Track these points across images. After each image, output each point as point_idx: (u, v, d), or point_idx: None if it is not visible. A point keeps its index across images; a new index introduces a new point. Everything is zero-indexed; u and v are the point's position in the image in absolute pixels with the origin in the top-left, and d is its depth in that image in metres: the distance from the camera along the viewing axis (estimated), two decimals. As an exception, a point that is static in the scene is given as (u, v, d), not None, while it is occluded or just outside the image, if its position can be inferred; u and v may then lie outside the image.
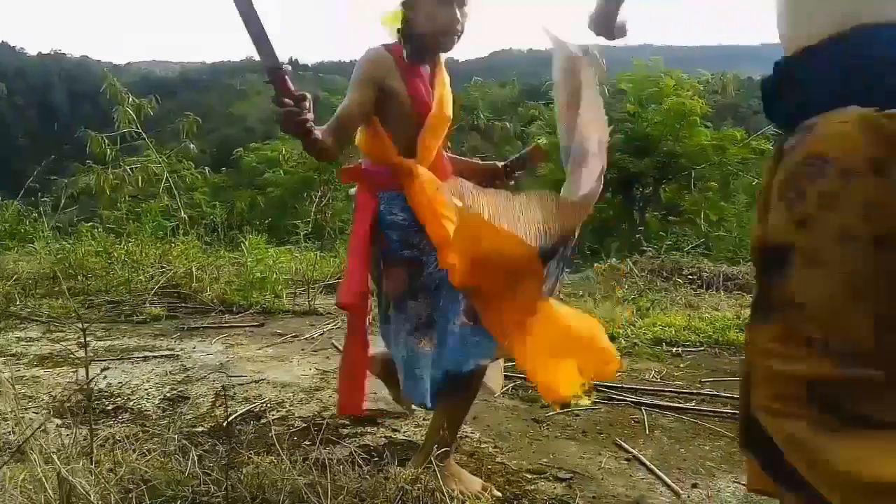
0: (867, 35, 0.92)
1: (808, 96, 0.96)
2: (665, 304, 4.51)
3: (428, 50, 1.96)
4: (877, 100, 0.87)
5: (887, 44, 0.91)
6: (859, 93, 0.90)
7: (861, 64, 0.92)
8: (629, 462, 2.13)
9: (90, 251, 4.80)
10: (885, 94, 0.89)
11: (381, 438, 2.22)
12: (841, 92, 0.91)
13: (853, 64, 0.92)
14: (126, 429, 2.10)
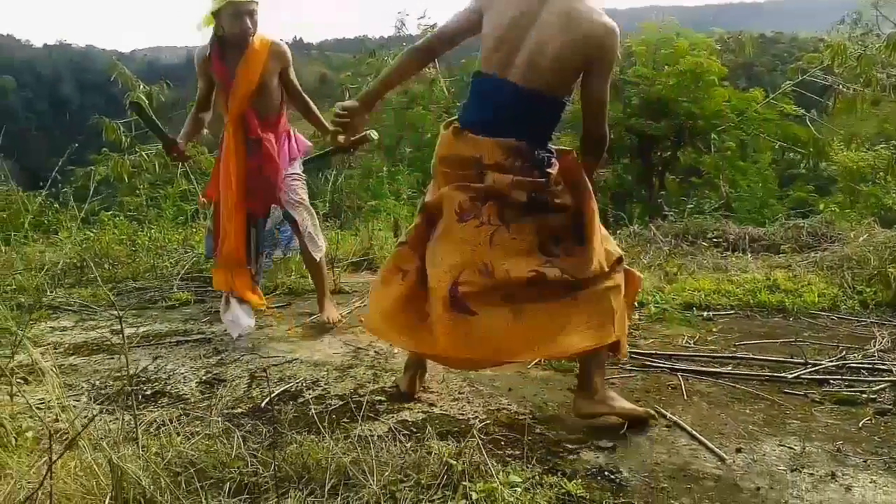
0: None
1: None
2: (692, 268, 4.45)
3: (231, 45, 3.08)
4: None
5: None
6: None
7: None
8: (670, 429, 2.12)
9: (114, 239, 4.83)
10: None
11: (419, 414, 2.22)
12: None
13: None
14: (167, 413, 2.11)
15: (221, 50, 3.11)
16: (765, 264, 4.60)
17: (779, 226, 5.65)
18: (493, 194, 2.03)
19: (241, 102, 3.11)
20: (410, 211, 7.36)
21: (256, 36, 3.11)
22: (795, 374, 2.56)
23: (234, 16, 2.98)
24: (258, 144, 3.16)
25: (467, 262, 2.01)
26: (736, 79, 11.15)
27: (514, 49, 2.00)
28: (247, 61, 3.07)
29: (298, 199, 3.28)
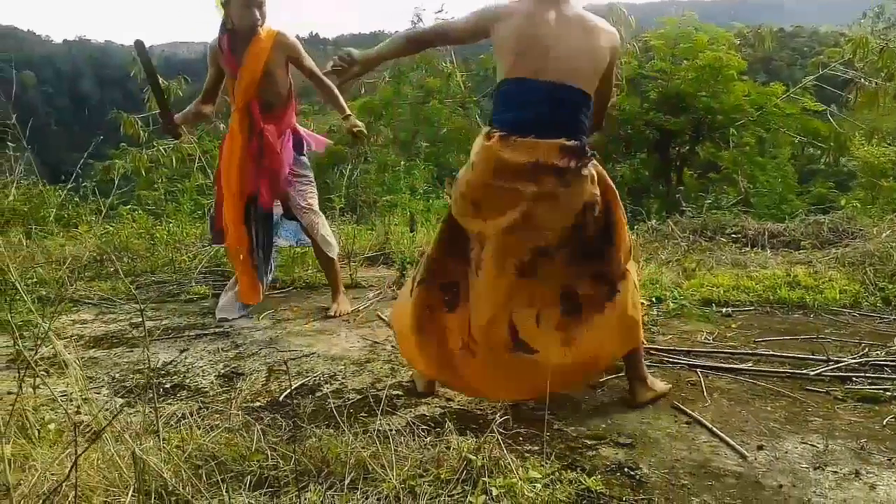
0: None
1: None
2: (710, 263, 4.41)
3: (240, 36, 3.17)
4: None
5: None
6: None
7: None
8: (690, 425, 2.10)
9: (133, 233, 4.87)
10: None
11: (437, 408, 2.22)
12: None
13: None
14: (187, 406, 2.12)
15: (231, 41, 3.20)
16: (785, 260, 4.55)
17: (799, 221, 5.58)
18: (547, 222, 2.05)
19: (247, 92, 3.20)
20: (426, 206, 7.36)
21: (264, 28, 3.18)
22: (817, 371, 2.53)
23: (243, 6, 3.11)
24: (260, 135, 3.23)
25: (523, 306, 2.10)
26: (755, 73, 11.02)
27: (543, 54, 2.03)
28: (252, 52, 3.17)
29: (307, 206, 3.35)
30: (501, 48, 2.09)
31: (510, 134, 2.03)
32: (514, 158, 2.01)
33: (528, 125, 2.03)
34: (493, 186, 2.06)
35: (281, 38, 3.21)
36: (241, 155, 3.23)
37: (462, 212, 2.16)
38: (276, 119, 3.29)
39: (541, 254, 2.07)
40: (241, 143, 3.23)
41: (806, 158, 11.40)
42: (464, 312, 2.15)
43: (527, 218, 2.03)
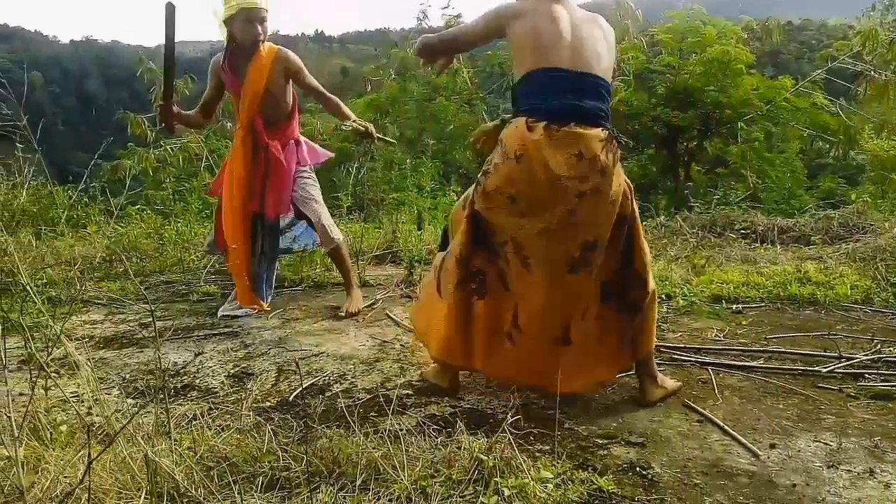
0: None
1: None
2: (720, 260, 4.39)
3: (241, 53, 3.22)
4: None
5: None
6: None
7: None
8: (701, 424, 2.09)
9: (141, 233, 4.89)
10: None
11: (447, 408, 2.21)
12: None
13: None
14: (197, 407, 2.13)
15: (233, 58, 3.24)
16: (795, 256, 4.52)
17: (809, 217, 5.54)
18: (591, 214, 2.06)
19: (250, 109, 3.23)
20: (433, 203, 7.35)
21: (265, 45, 3.21)
22: (829, 369, 2.51)
23: (245, 22, 3.13)
24: (265, 150, 3.27)
25: (577, 306, 2.14)
26: (762, 67, 10.95)
27: (569, 45, 2.05)
28: (253, 69, 3.20)
29: (308, 196, 3.37)
30: (524, 43, 2.08)
31: (550, 122, 2.00)
32: (560, 152, 1.99)
33: (566, 113, 2.01)
34: (537, 181, 2.01)
35: (282, 54, 3.24)
36: (247, 171, 3.26)
37: (495, 206, 2.10)
38: (280, 133, 3.34)
39: (589, 248, 2.07)
40: (245, 159, 3.26)
41: (815, 152, 11.32)
42: (498, 302, 2.16)
43: (573, 214, 2.02)
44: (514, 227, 2.08)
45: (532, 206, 2.04)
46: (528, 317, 2.13)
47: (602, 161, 2.02)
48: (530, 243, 2.07)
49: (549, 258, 2.07)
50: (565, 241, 2.05)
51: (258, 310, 3.36)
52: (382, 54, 13.04)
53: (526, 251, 2.08)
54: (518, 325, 2.15)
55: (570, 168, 1.99)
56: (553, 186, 2.00)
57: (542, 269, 2.08)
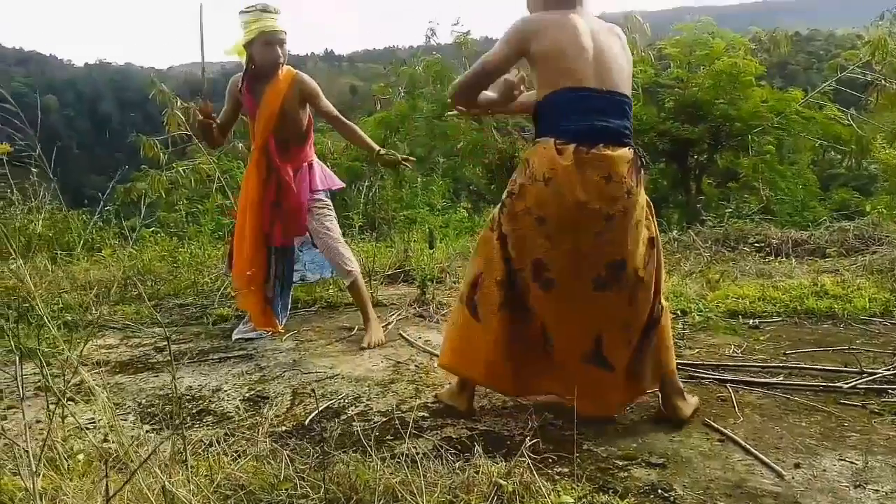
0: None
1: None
2: (735, 274, 4.35)
3: (261, 73, 3.21)
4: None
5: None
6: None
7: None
8: (723, 443, 2.06)
9: (155, 256, 4.91)
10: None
11: (464, 430, 2.19)
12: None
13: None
14: (213, 432, 2.12)
15: (251, 80, 3.25)
16: (811, 269, 4.48)
17: (823, 229, 5.49)
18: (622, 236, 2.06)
19: (264, 130, 3.25)
20: (444, 221, 7.35)
21: (283, 68, 3.23)
22: (851, 384, 2.47)
23: (265, 45, 3.14)
24: (277, 174, 3.28)
25: (608, 324, 2.11)
26: (771, 78, 10.92)
27: (593, 62, 2.03)
28: (269, 92, 3.22)
29: (323, 228, 3.35)
30: (548, 60, 2.05)
31: (579, 144, 1.99)
32: (589, 175, 1.98)
33: (594, 134, 2.00)
34: (566, 204, 2.00)
35: (298, 78, 3.26)
36: (259, 194, 3.27)
37: (522, 228, 2.09)
38: (293, 156, 3.34)
39: (617, 267, 2.06)
40: (259, 182, 3.28)
41: (827, 163, 11.24)
42: (529, 317, 2.15)
43: (600, 235, 2.02)
44: (541, 249, 2.06)
45: (561, 228, 2.03)
46: (555, 331, 2.13)
47: (628, 182, 2.03)
48: (556, 264, 2.05)
49: (575, 277, 2.06)
50: (592, 260, 2.05)
51: (272, 332, 3.36)
52: (392, 72, 13.13)
53: (551, 272, 2.06)
54: (549, 342, 2.15)
55: (600, 191, 1.99)
56: (582, 210, 1.99)
57: (566, 288, 2.07)
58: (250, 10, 3.12)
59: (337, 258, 3.34)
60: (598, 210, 1.99)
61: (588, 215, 2.00)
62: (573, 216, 2.01)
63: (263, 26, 3.11)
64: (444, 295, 4.11)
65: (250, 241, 3.27)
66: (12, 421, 2.32)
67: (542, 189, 2.02)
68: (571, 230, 2.02)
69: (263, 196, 3.29)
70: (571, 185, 1.98)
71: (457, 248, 5.69)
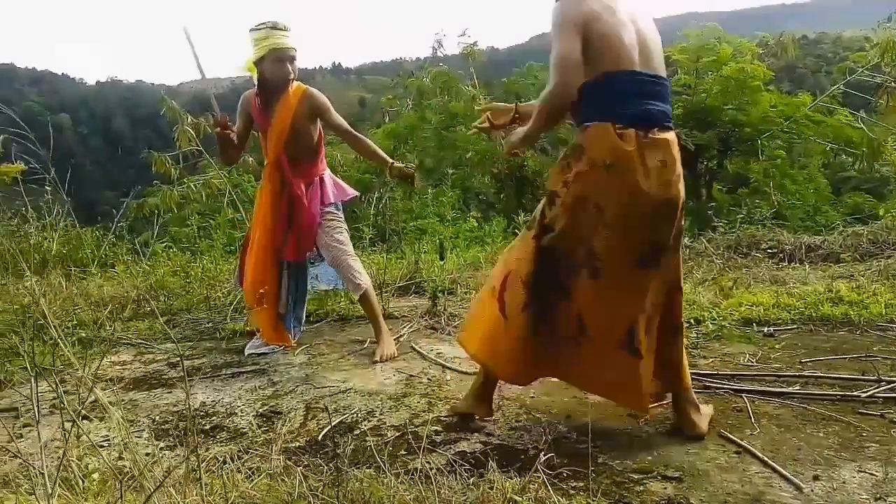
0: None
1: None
2: (748, 281, 4.31)
3: (272, 90, 3.24)
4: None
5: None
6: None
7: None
8: (739, 455, 2.03)
9: (168, 271, 4.94)
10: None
11: (477, 444, 2.18)
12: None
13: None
14: (227, 449, 2.12)
15: (263, 96, 3.29)
16: (825, 275, 4.44)
17: (837, 234, 5.44)
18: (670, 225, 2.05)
19: (276, 147, 3.29)
20: (455, 231, 7.35)
21: (293, 84, 3.26)
22: (869, 393, 2.44)
23: (275, 61, 3.18)
24: (290, 189, 3.32)
25: (641, 305, 2.09)
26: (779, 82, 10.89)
27: (641, 46, 2.02)
28: (280, 108, 3.25)
29: (334, 241, 3.37)
30: (601, 43, 1.96)
31: (637, 129, 1.96)
32: (649, 160, 1.96)
33: (648, 118, 1.98)
34: (628, 190, 1.96)
35: (309, 93, 3.29)
36: (273, 209, 3.32)
37: (576, 216, 2.03)
38: (305, 171, 3.38)
39: (659, 250, 2.06)
40: (273, 196, 3.32)
41: (838, 166, 11.16)
42: (561, 312, 2.12)
43: (653, 219, 2.00)
44: (595, 238, 2.02)
45: (620, 215, 1.98)
46: (593, 319, 2.09)
47: (678, 167, 2.03)
48: (607, 251, 2.01)
49: (623, 262, 2.03)
50: (640, 242, 2.02)
51: (285, 346, 3.37)
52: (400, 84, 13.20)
53: (600, 259, 2.02)
54: (586, 332, 2.10)
55: (658, 176, 1.97)
56: (643, 196, 1.96)
57: (613, 274, 2.03)
58: (260, 27, 3.16)
59: (347, 271, 3.34)
60: (657, 195, 1.97)
61: (647, 201, 1.96)
62: (633, 202, 1.96)
63: (273, 44, 3.14)
64: (456, 306, 4.10)
65: (263, 257, 3.30)
66: (28, 439, 2.34)
67: (603, 175, 1.96)
68: (629, 217, 1.98)
69: (277, 211, 3.33)
70: (634, 170, 1.94)
71: (467, 258, 5.68)
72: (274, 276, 3.35)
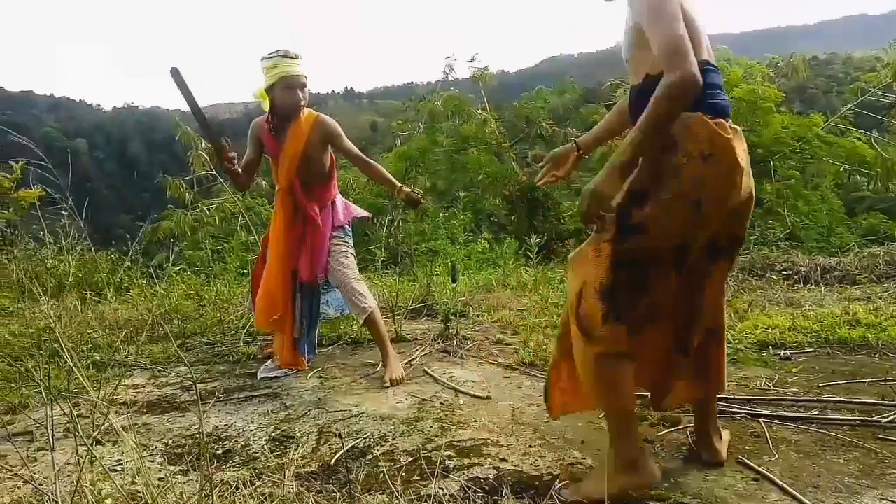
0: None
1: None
2: (763, 303, 4.28)
3: (283, 116, 3.28)
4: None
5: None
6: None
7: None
8: (758, 482, 2.00)
9: (182, 294, 4.98)
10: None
11: (491, 470, 2.16)
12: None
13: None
14: (239, 474, 2.11)
15: (274, 123, 3.32)
16: (841, 297, 4.39)
17: (853, 255, 5.39)
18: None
19: (289, 173, 3.33)
20: (466, 253, 7.36)
21: (304, 111, 3.30)
22: (890, 418, 2.40)
23: (286, 88, 3.21)
24: (303, 213, 3.36)
25: (702, 298, 2.02)
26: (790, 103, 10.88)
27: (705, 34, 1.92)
28: (292, 134, 3.29)
29: (339, 265, 3.39)
30: (691, 31, 1.80)
31: (724, 120, 1.85)
32: (741, 149, 1.86)
33: (727, 109, 1.89)
34: (724, 181, 1.82)
35: (320, 120, 3.33)
36: (286, 234, 3.35)
37: (672, 215, 1.82)
38: (318, 196, 3.42)
39: (735, 242, 2.01)
40: (285, 222, 3.36)
41: (852, 185, 11.10)
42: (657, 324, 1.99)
43: (738, 212, 1.91)
44: (688, 234, 1.87)
45: (715, 206, 1.83)
46: (663, 319, 1.99)
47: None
48: (696, 245, 1.90)
49: (704, 254, 1.95)
50: (727, 233, 1.95)
51: (297, 369, 3.38)
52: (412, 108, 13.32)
53: (689, 254, 1.90)
54: (687, 336, 2.04)
55: (748, 165, 1.88)
56: (737, 186, 1.84)
57: (696, 269, 1.95)
58: (272, 56, 3.21)
59: (351, 294, 3.35)
60: (747, 185, 1.88)
61: (739, 192, 1.86)
62: (730, 194, 1.84)
63: (283, 72, 3.19)
64: (468, 329, 4.09)
65: (278, 283, 3.32)
66: (42, 462, 2.34)
67: (701, 167, 1.79)
68: (723, 208, 1.85)
69: (291, 235, 3.37)
70: (733, 159, 1.81)
71: (479, 280, 5.68)
72: (288, 300, 3.37)
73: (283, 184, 3.35)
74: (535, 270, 6.11)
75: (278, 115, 3.30)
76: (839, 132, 8.55)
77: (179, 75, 2.68)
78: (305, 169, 3.33)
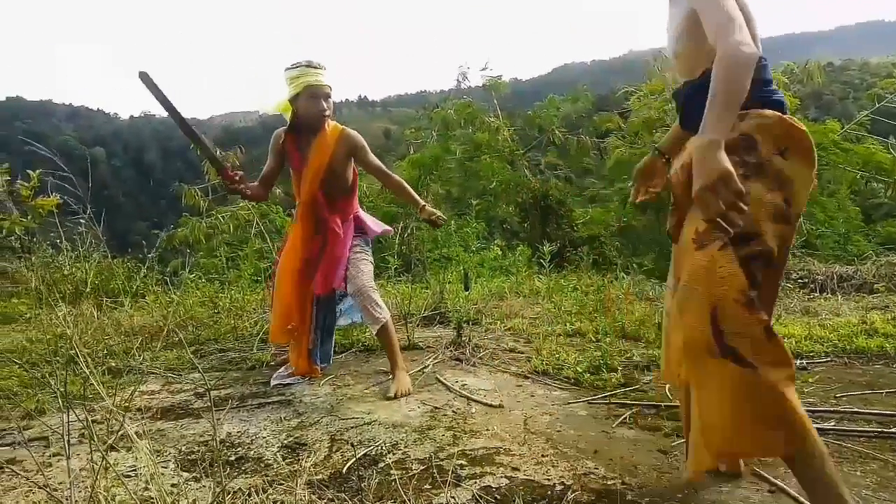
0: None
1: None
2: (779, 312, 4.23)
3: (307, 127, 3.24)
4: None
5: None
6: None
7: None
8: (773, 494, 1.97)
9: (197, 301, 5.02)
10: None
11: (503, 479, 2.15)
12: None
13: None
14: (251, 481, 2.12)
15: (296, 134, 3.29)
16: (858, 306, 4.34)
17: (870, 263, 5.33)
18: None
19: (311, 186, 3.28)
20: (479, 260, 7.36)
21: (329, 123, 3.26)
22: (908, 430, 2.37)
23: (310, 97, 3.17)
24: (325, 226, 3.33)
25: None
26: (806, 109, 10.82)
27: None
28: (317, 147, 3.25)
29: (356, 272, 3.34)
30: (748, 22, 1.73)
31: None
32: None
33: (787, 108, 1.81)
34: (810, 173, 1.71)
35: (346, 133, 3.30)
36: (306, 246, 3.34)
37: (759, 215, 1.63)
38: (340, 209, 3.39)
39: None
40: (306, 234, 3.34)
41: (869, 192, 11.00)
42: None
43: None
44: (779, 237, 1.67)
45: (803, 198, 1.72)
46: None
47: None
48: (784, 246, 1.75)
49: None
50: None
51: (310, 376, 3.39)
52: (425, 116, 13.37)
53: (777, 257, 1.72)
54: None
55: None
56: (813, 177, 1.75)
57: (781, 261, 1.83)
58: (296, 66, 3.18)
59: (367, 303, 3.31)
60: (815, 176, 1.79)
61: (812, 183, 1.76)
62: (809, 186, 1.71)
63: (308, 81, 3.15)
64: (481, 337, 4.09)
65: (295, 294, 3.32)
66: (57, 468, 2.36)
67: (782, 162, 1.67)
68: (805, 201, 1.74)
69: (310, 249, 3.34)
70: (810, 152, 1.71)
71: (492, 287, 5.68)
72: (304, 311, 3.36)
73: (305, 197, 3.31)
74: (548, 278, 6.10)
75: (301, 126, 3.26)
76: (855, 139, 8.48)
77: (149, 78, 2.52)
78: (329, 182, 3.30)
